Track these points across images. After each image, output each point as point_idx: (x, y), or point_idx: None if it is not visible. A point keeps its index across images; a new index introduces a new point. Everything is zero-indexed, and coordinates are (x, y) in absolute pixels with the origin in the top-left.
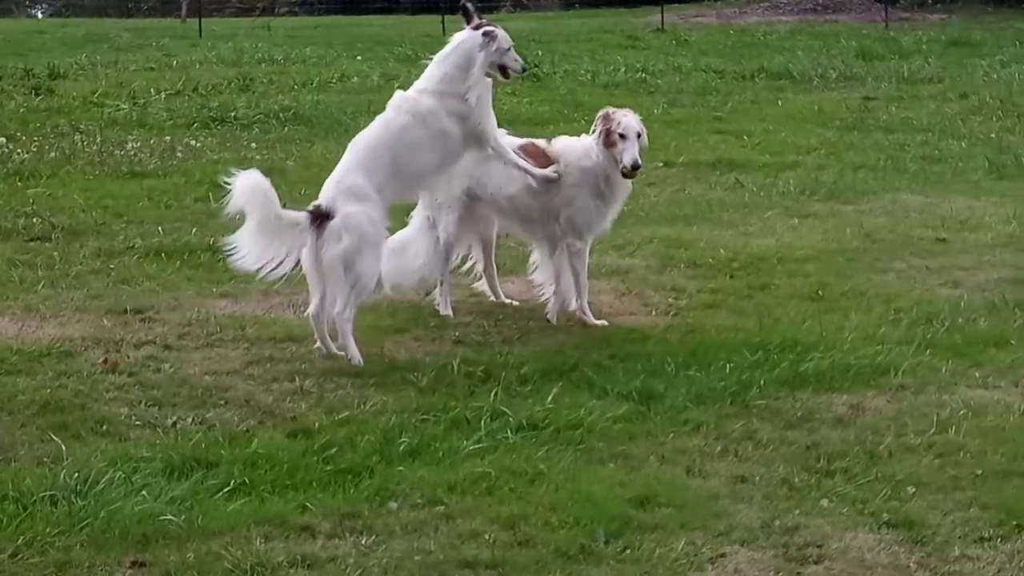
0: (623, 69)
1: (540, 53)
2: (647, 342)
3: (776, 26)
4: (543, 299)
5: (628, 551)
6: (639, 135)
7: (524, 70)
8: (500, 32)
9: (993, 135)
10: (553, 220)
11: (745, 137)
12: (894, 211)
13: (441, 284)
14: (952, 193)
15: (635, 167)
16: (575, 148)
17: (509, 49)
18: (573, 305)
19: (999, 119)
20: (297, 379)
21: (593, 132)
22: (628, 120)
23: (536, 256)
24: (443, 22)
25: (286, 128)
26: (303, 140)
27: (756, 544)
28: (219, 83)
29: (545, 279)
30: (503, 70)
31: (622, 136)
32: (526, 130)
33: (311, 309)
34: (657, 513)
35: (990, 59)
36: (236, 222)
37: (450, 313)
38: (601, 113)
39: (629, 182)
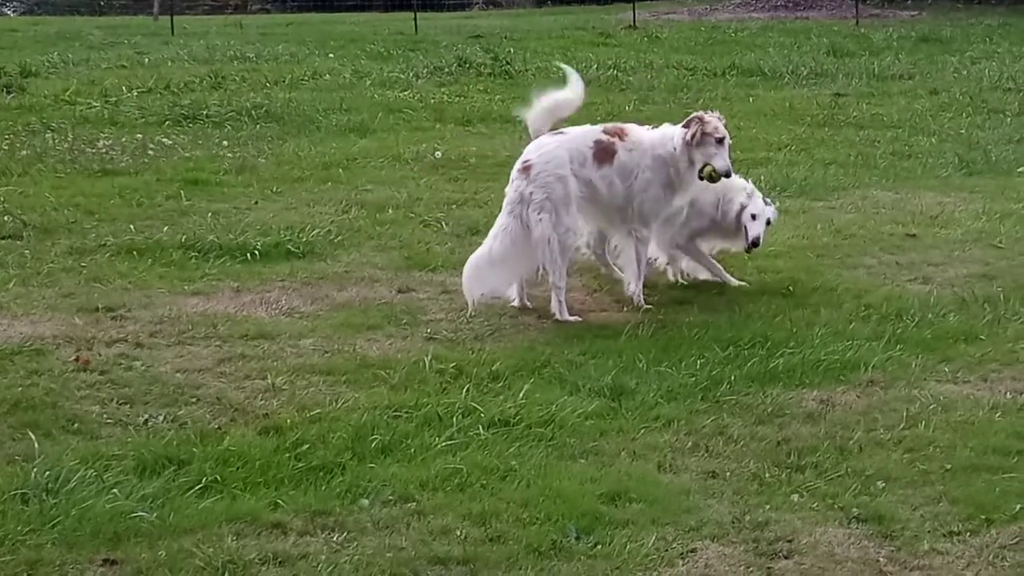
0: (595, 66)
1: (512, 50)
2: (618, 338)
3: (747, 23)
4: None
5: (599, 547)
6: (729, 144)
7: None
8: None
9: (963, 131)
10: (628, 206)
11: None
12: (864, 207)
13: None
14: (922, 189)
15: (727, 174)
16: (651, 135)
17: None
18: (631, 289)
19: (969, 115)
20: (269, 376)
21: (684, 131)
22: (723, 126)
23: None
24: (415, 20)
25: (258, 126)
26: (275, 138)
27: (726, 539)
28: (191, 81)
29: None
30: None
31: (719, 141)
32: (498, 127)
33: None
34: (628, 509)
35: (960, 55)
36: (208, 220)
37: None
38: (696, 115)
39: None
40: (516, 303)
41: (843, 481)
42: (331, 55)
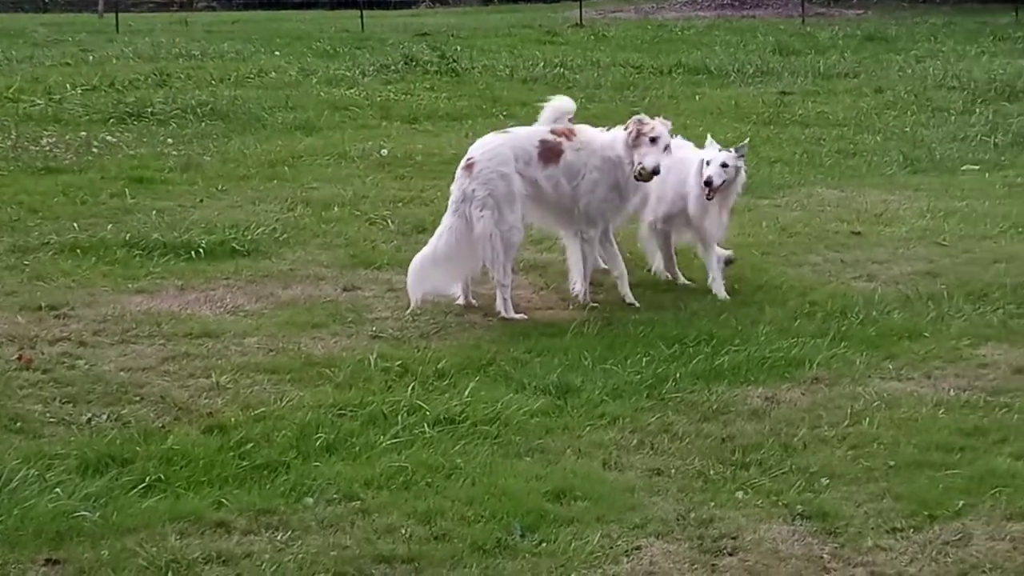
0: (542, 64)
1: (459, 48)
2: (564, 336)
3: (694, 21)
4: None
5: (544, 544)
6: (667, 146)
7: None
8: None
9: (907, 129)
10: (575, 207)
11: None
12: (810, 205)
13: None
14: (867, 187)
15: (655, 172)
16: (602, 137)
17: None
18: (576, 288)
19: (913, 113)
20: (213, 375)
21: (623, 131)
22: (661, 127)
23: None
24: (362, 17)
25: (203, 123)
26: (220, 135)
27: (671, 536)
28: (136, 78)
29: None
30: None
31: (653, 140)
32: (444, 125)
33: None
34: (573, 506)
35: (905, 54)
36: (153, 219)
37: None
38: (636, 117)
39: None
40: (461, 301)
41: (787, 478)
42: (277, 53)
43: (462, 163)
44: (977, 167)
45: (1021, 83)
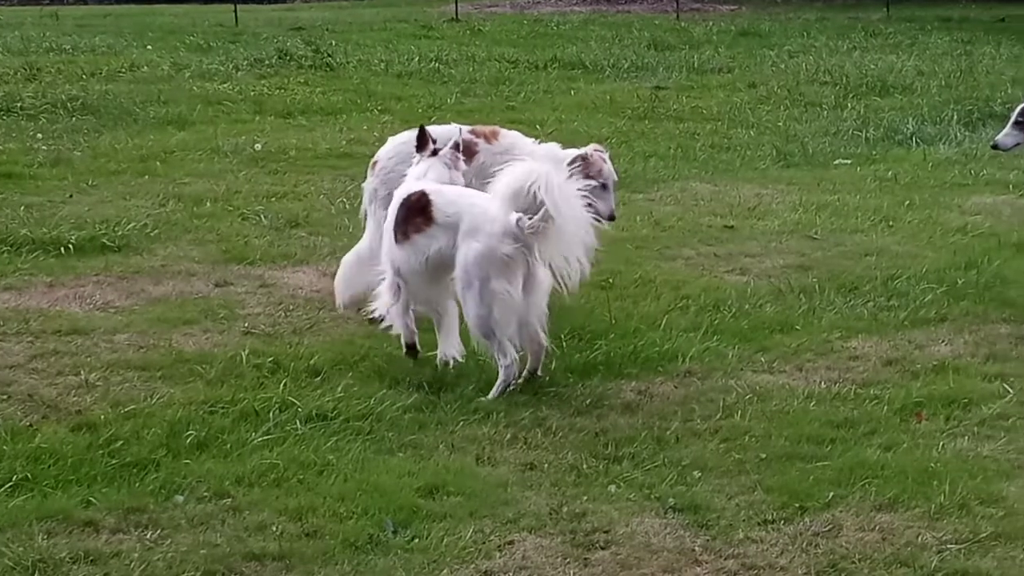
0: (417, 59)
1: (334, 43)
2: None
3: (569, 16)
4: None
5: (416, 540)
6: (615, 183)
7: None
8: None
9: (781, 124)
10: None
11: (538, 126)
12: (683, 199)
13: None
14: (740, 181)
15: (611, 218)
16: (527, 146)
17: None
18: None
19: (787, 108)
20: (82, 372)
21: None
22: (608, 168)
23: None
24: (236, 12)
25: (74, 118)
26: (91, 130)
27: (544, 531)
28: (4, 73)
29: None
30: None
31: (603, 186)
32: (319, 119)
33: None
34: (446, 502)
35: (778, 49)
36: (21, 214)
37: None
38: (579, 154)
39: None
40: None
41: (660, 471)
42: (149, 47)
43: (371, 162)
44: (849, 161)
45: (892, 78)
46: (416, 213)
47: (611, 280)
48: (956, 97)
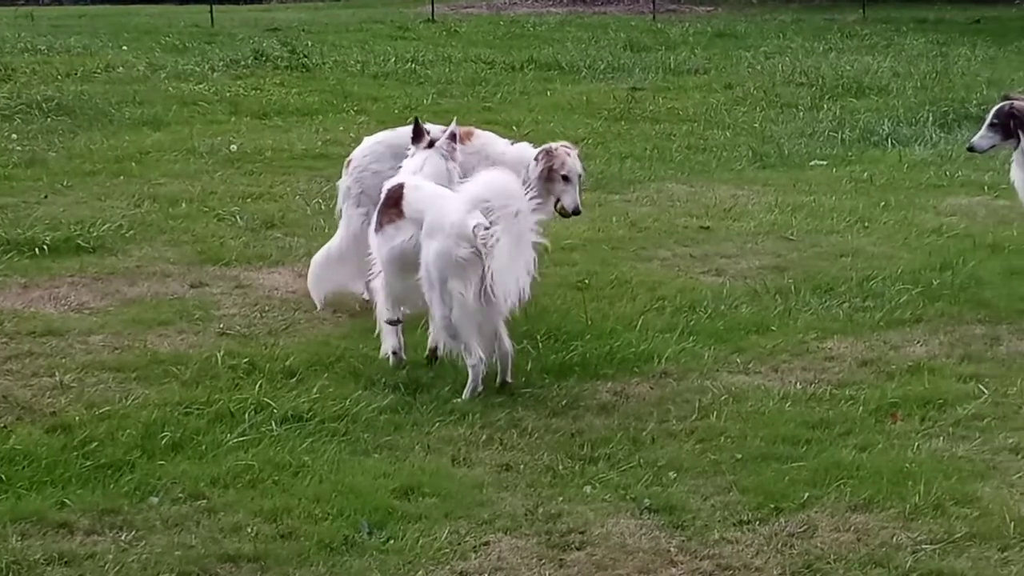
0: (393, 60)
1: (310, 44)
2: (414, 332)
3: (546, 17)
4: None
5: (391, 542)
6: (580, 177)
7: None
8: None
9: (756, 125)
10: None
11: (514, 127)
12: (660, 200)
13: None
14: (716, 182)
15: (576, 212)
16: (500, 146)
17: None
18: None
19: (762, 109)
20: (57, 374)
21: (535, 164)
22: (572, 161)
23: None
24: (212, 12)
25: (49, 119)
26: (66, 131)
27: (519, 532)
28: None
29: None
30: None
31: (565, 178)
32: (295, 120)
33: None
34: (421, 503)
35: (754, 51)
36: None
37: None
38: (544, 148)
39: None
40: (365, 296)
41: (635, 472)
42: (125, 47)
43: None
44: (824, 162)
45: (868, 79)
46: (392, 204)
47: (587, 281)
48: (931, 98)
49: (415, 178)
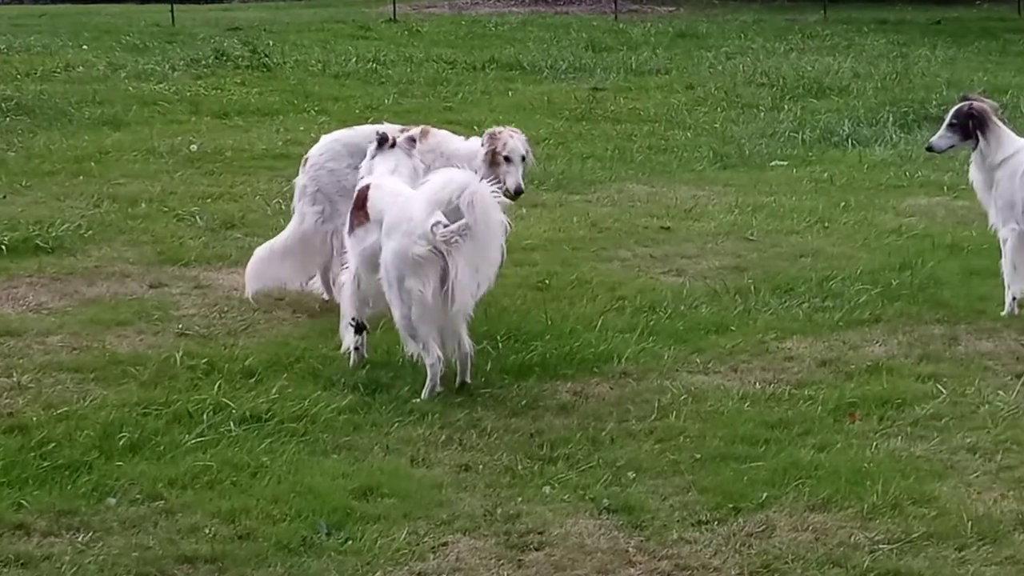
0: (354, 59)
1: (271, 43)
2: (374, 333)
3: (508, 17)
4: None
5: (350, 542)
6: (524, 158)
7: None
8: None
9: (717, 125)
10: None
11: (475, 127)
12: (620, 200)
13: None
14: (677, 183)
15: (518, 192)
16: (454, 144)
17: None
18: None
19: (724, 110)
20: (15, 374)
21: (481, 148)
22: (514, 143)
23: None
24: (172, 11)
25: (7, 119)
26: (25, 131)
27: (478, 532)
28: None
29: None
30: None
31: (507, 159)
32: (256, 120)
33: None
34: (380, 504)
35: (716, 51)
36: None
37: None
38: (488, 131)
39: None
40: (325, 296)
41: (594, 472)
42: (85, 47)
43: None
44: (785, 163)
45: (829, 80)
46: (359, 206)
47: (547, 281)
48: (892, 99)
49: (380, 178)
